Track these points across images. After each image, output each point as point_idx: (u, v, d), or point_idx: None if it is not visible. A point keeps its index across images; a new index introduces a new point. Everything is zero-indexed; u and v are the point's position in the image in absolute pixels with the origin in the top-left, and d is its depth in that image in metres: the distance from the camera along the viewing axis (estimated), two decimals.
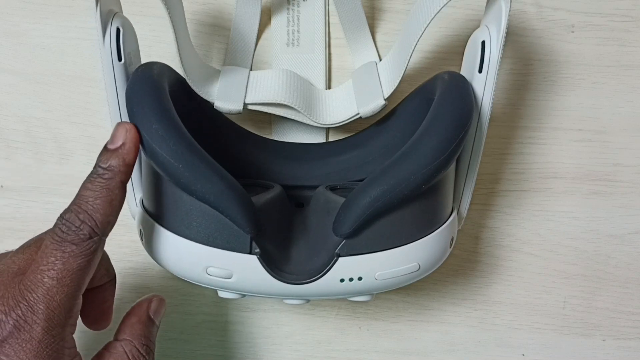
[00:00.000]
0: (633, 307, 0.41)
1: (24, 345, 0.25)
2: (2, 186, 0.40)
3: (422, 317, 0.41)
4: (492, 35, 0.30)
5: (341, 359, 0.41)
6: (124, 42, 0.30)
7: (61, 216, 0.27)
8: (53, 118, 0.39)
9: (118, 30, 0.30)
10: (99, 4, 0.29)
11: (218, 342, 0.41)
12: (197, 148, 0.28)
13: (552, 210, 0.40)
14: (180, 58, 0.31)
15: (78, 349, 0.28)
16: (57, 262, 0.26)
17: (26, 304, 0.26)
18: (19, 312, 0.26)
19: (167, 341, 0.41)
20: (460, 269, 0.40)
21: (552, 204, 0.40)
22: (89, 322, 0.32)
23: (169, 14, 0.30)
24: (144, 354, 0.30)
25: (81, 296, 0.27)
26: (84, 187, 0.28)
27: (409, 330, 0.41)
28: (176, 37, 0.31)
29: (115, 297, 0.33)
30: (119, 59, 0.30)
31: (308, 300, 0.32)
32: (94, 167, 0.28)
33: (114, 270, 0.33)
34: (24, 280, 0.26)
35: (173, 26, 0.30)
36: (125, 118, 0.30)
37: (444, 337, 0.41)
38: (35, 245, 0.29)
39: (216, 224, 0.28)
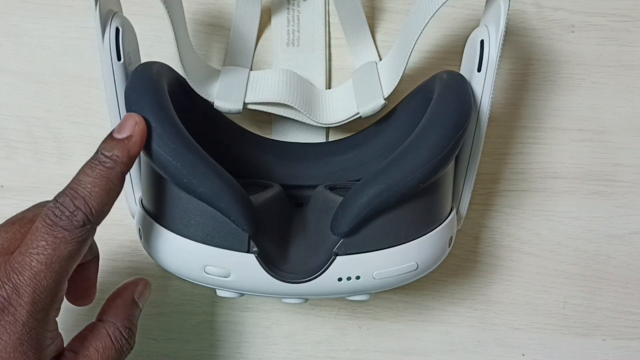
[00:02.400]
0: (633, 307, 0.41)
1: (7, 327, 0.25)
2: (2, 186, 0.40)
3: (422, 317, 0.41)
4: (491, 34, 0.30)
5: (341, 359, 0.41)
6: (123, 41, 0.30)
7: (55, 199, 0.26)
8: (53, 118, 0.39)
9: (117, 30, 0.30)
10: (98, 4, 0.29)
11: (218, 342, 0.41)
12: (196, 147, 0.28)
13: (552, 210, 0.40)
14: (180, 58, 0.31)
15: (60, 329, 0.28)
16: (47, 246, 0.26)
17: (11, 286, 0.25)
18: (4, 293, 0.25)
19: (167, 341, 0.40)
20: (460, 269, 0.40)
21: (552, 203, 0.40)
22: (72, 299, 0.32)
23: (168, 14, 0.30)
24: (126, 336, 0.30)
25: (67, 281, 0.27)
26: (82, 172, 0.27)
27: (409, 330, 0.41)
28: (176, 37, 0.31)
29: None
30: (118, 59, 0.30)
31: (307, 300, 0.32)
32: (96, 153, 0.27)
33: (97, 248, 0.32)
34: (10, 261, 0.26)
35: (173, 26, 0.30)
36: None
37: (444, 337, 0.41)
38: (19, 223, 0.29)
39: (214, 223, 0.28)
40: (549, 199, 0.40)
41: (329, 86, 0.39)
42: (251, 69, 0.38)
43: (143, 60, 0.33)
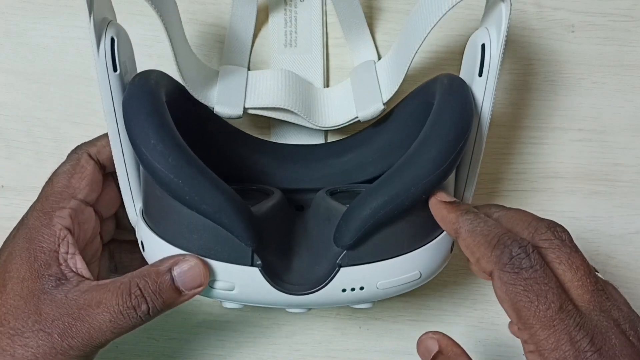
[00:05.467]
0: (633, 307, 0.40)
1: None
2: (2, 186, 0.40)
3: (422, 316, 0.41)
4: (493, 38, 0.30)
5: (341, 358, 0.41)
6: (118, 51, 0.29)
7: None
8: (53, 118, 0.39)
9: (112, 40, 0.29)
10: (92, 15, 0.28)
11: (218, 342, 0.41)
12: (197, 162, 0.28)
13: (552, 210, 0.40)
14: (178, 66, 0.31)
15: None
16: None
17: None
18: None
19: (167, 341, 0.40)
20: (460, 269, 0.40)
21: (552, 203, 0.40)
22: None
23: (164, 24, 0.29)
24: (134, 294, 0.28)
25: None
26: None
27: (409, 330, 0.41)
28: (172, 46, 0.30)
29: None
30: (114, 70, 0.29)
31: (310, 309, 0.32)
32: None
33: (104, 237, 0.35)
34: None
35: (168, 35, 0.29)
36: (123, 129, 0.29)
37: None
38: None
39: (217, 237, 0.28)
40: (550, 199, 0.40)
41: (327, 86, 0.39)
42: (249, 68, 0.38)
43: (143, 59, 0.32)
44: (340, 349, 0.41)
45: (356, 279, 0.29)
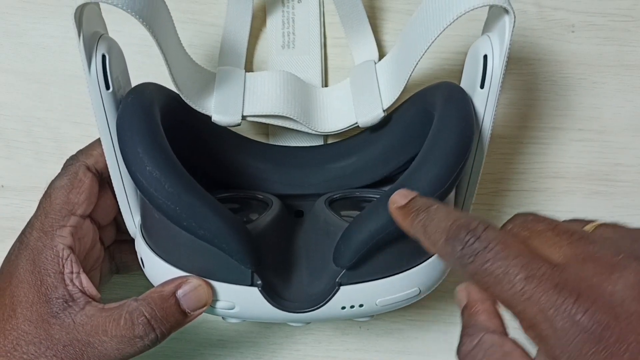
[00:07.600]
0: None
1: None
2: (2, 186, 0.40)
3: (422, 316, 0.41)
4: (495, 49, 0.29)
5: (341, 358, 0.41)
6: (110, 67, 0.28)
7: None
8: (53, 118, 0.39)
9: (104, 57, 0.28)
10: (81, 33, 0.27)
11: (218, 341, 0.41)
12: (194, 187, 0.27)
13: (552, 210, 0.40)
14: (173, 78, 0.30)
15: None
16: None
17: None
18: None
19: (167, 341, 0.40)
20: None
21: (552, 203, 0.40)
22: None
23: (155, 39, 0.28)
24: (140, 323, 0.29)
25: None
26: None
27: (410, 330, 0.41)
28: (166, 60, 0.29)
29: None
30: (107, 88, 0.28)
31: (309, 322, 0.32)
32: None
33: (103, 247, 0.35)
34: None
35: (161, 49, 0.28)
36: (118, 149, 0.29)
37: (444, 337, 0.41)
38: None
39: (217, 260, 0.28)
40: (550, 199, 0.40)
41: (325, 86, 0.38)
42: (246, 69, 0.37)
43: (143, 61, 0.32)
44: (340, 349, 0.41)
45: (356, 297, 0.29)
